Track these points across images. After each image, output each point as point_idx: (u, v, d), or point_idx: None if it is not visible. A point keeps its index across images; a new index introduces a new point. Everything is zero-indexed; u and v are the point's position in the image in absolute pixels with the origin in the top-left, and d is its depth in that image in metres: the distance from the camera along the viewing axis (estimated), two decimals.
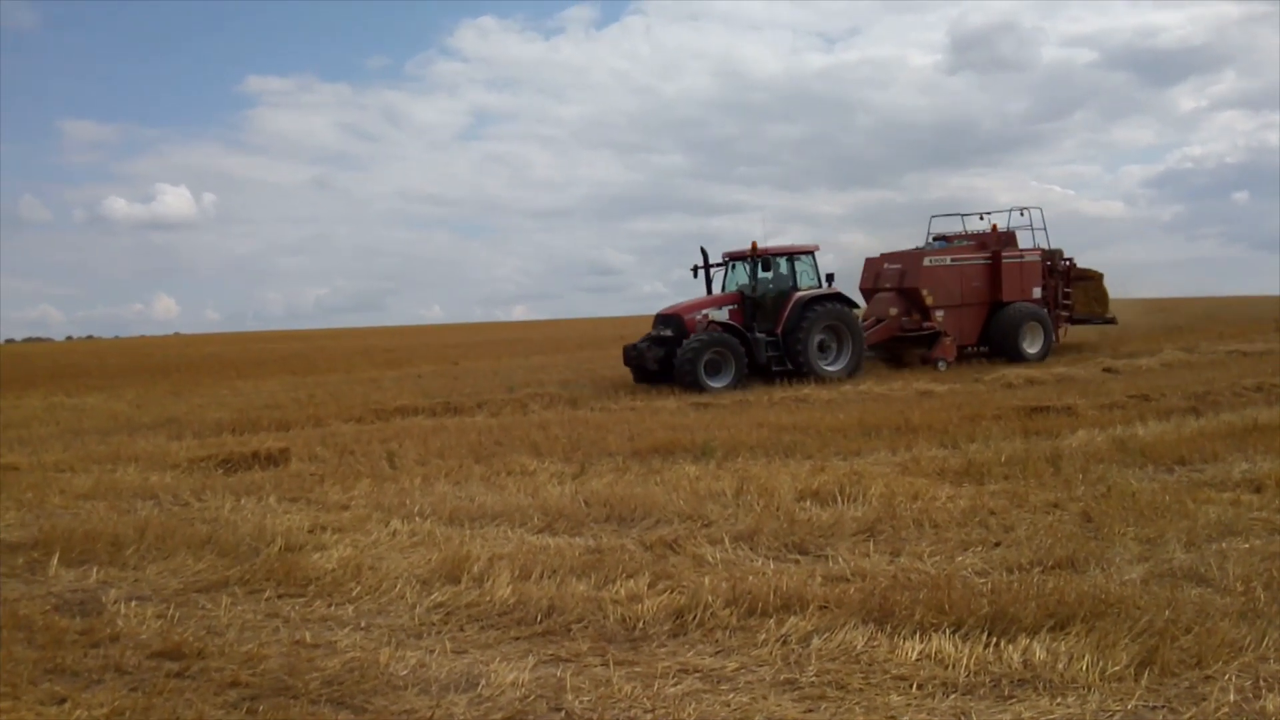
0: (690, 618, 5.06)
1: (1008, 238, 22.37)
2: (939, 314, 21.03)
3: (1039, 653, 4.36)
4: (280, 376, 28.85)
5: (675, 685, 4.24)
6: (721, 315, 18.78)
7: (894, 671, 4.32)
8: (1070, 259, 23.57)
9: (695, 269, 19.83)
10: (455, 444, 11.75)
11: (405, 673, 4.47)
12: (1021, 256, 22.10)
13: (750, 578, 5.63)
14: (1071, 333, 24.38)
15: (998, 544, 6.36)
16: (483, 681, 4.31)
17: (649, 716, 3.88)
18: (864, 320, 21.13)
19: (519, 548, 6.68)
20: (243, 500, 8.76)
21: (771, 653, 4.60)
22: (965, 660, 4.35)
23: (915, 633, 4.71)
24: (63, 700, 4.21)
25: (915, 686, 4.15)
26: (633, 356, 19.21)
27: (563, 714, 3.99)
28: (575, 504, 7.99)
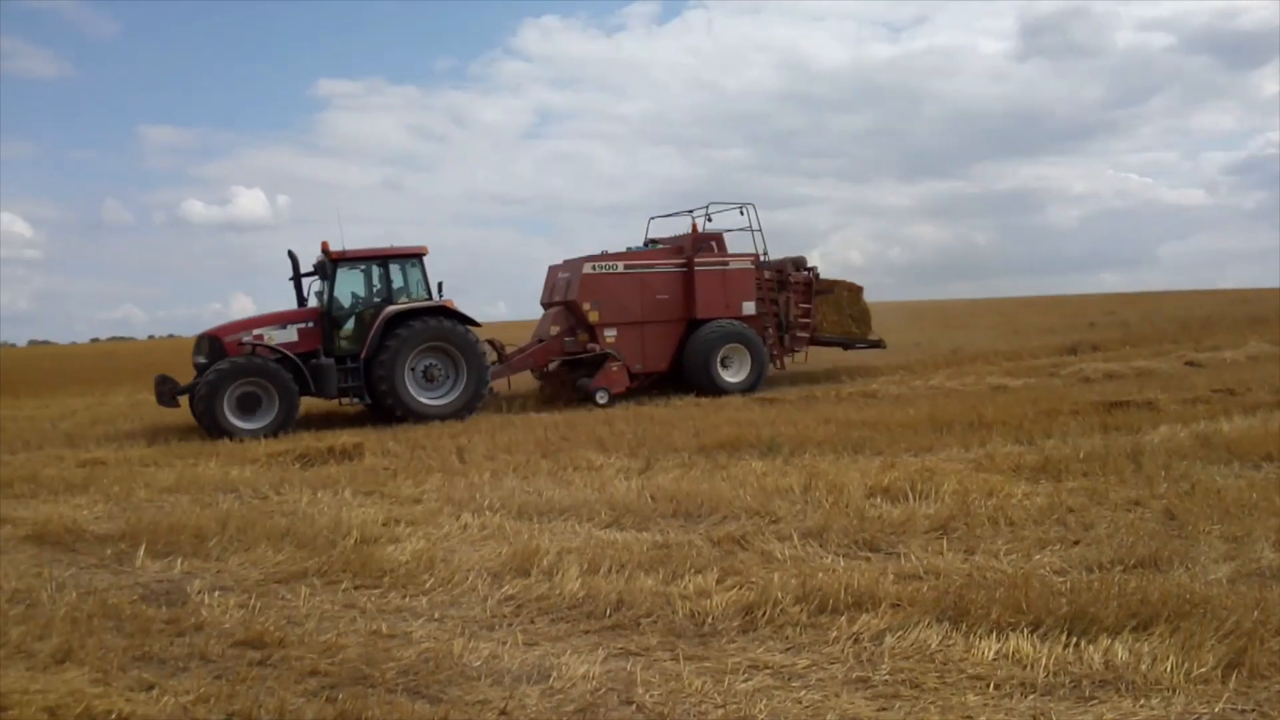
0: (760, 614, 5.03)
1: (707, 242, 18.32)
2: (609, 333, 17.19)
3: (1121, 653, 4.24)
4: None
5: (746, 681, 4.23)
6: (286, 335, 14.79)
7: (970, 671, 4.24)
8: (813, 269, 19.60)
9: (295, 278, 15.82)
10: (522, 439, 11.88)
11: (478, 664, 4.53)
12: (725, 264, 18.13)
13: (820, 574, 5.57)
14: (845, 355, 21.06)
15: (1076, 542, 6.20)
16: (554, 673, 4.35)
17: (720, 712, 3.87)
18: (533, 341, 18.00)
19: (587, 542, 6.73)
20: (319, 494, 8.98)
21: (843, 650, 4.55)
22: (1044, 660, 4.25)
23: (991, 632, 4.61)
24: (151, 687, 4.36)
25: (992, 686, 4.07)
26: (163, 391, 14.70)
27: (634, 707, 4.00)
28: (642, 499, 8.01)
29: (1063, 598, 4.89)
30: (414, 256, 15.67)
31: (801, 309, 19.05)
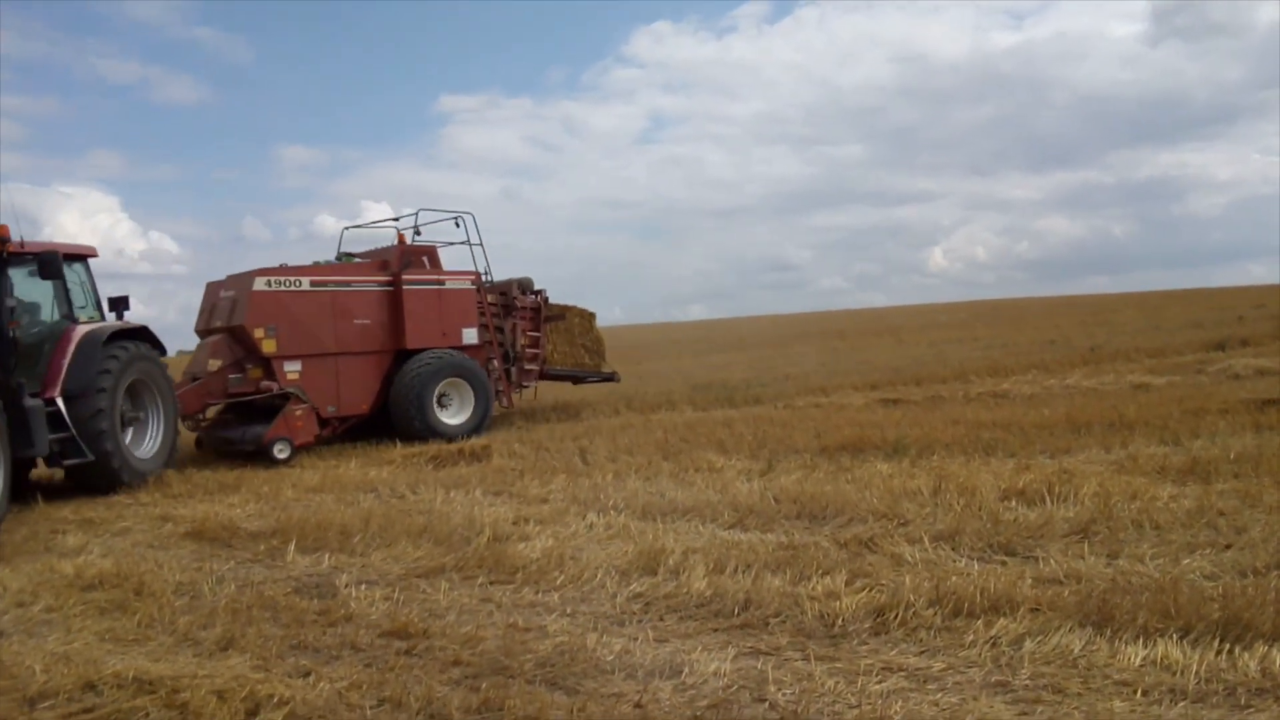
0: (891, 616, 4.97)
1: (418, 257, 15.03)
2: (290, 368, 13.38)
3: (1279, 661, 4.01)
4: None
5: (880, 683, 4.19)
6: None
7: (1116, 677, 4.09)
8: (540, 291, 16.68)
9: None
10: (643, 441, 12.01)
11: (611, 658, 4.64)
12: (441, 283, 14.89)
13: (954, 578, 5.46)
14: (568, 390, 18.54)
15: (1228, 546, 5.87)
16: (686, 670, 4.41)
17: (854, 713, 3.85)
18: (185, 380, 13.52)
19: (711, 542, 6.77)
20: (451, 493, 9.32)
21: (980, 654, 4.45)
22: (1195, 667, 4.06)
23: (1138, 638, 4.43)
24: (308, 673, 4.64)
25: (1140, 693, 3.91)
26: None
27: (766, 705, 4.02)
28: (765, 500, 8.00)
29: (1214, 603, 4.65)
30: (82, 259, 11.39)
31: (530, 337, 16.33)
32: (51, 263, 10.05)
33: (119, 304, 11.79)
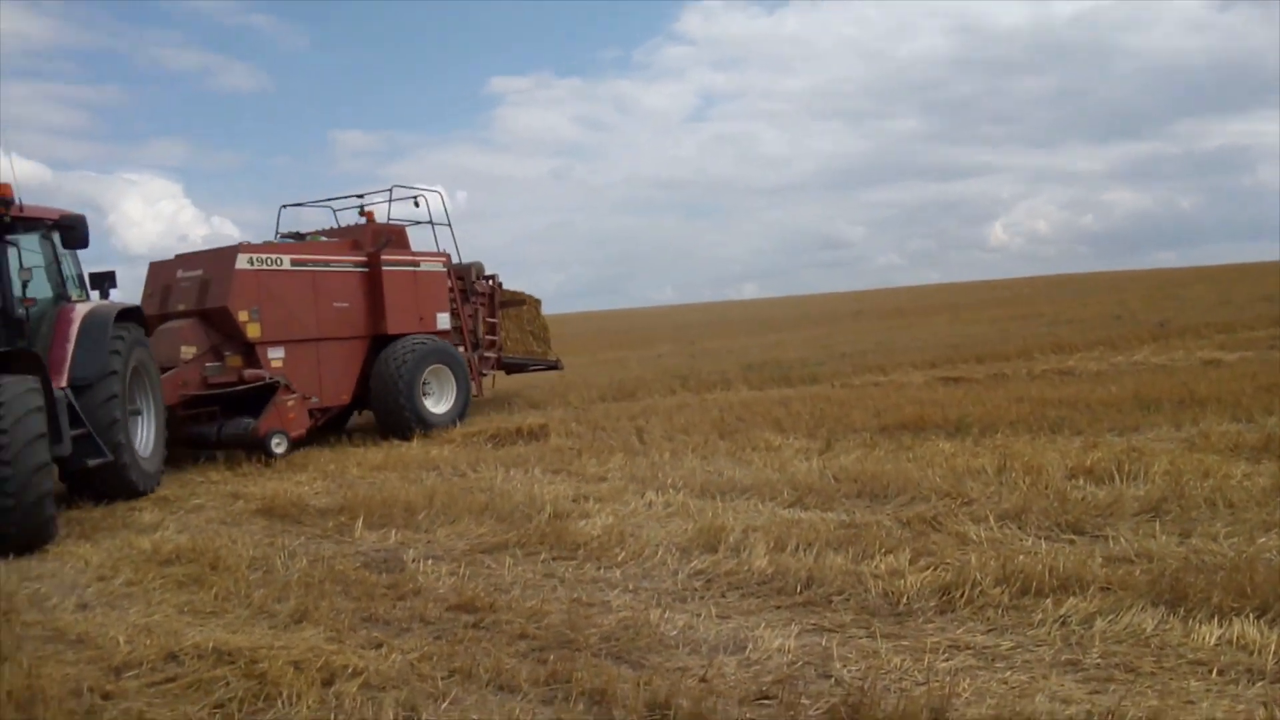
0: (958, 594, 4.92)
1: (392, 235, 13.90)
2: (275, 354, 12.05)
3: None
4: None
5: (947, 660, 4.16)
6: None
7: (1190, 656, 4.01)
8: (494, 276, 15.70)
9: None
10: (699, 420, 12.01)
11: (675, 633, 4.68)
12: (416, 265, 13.75)
13: (1020, 557, 5.38)
14: (502, 381, 17.19)
15: None
16: (750, 645, 4.43)
17: (921, 689, 3.83)
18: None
19: (771, 520, 6.77)
20: (511, 471, 9.44)
21: (1050, 633, 4.39)
22: (1273, 647, 3.97)
23: (1213, 617, 4.33)
24: (379, 645, 4.76)
25: (1215, 672, 3.83)
26: None
27: (832, 681, 4.02)
28: (824, 479, 7.96)
29: None
30: (72, 229, 8.96)
31: (489, 324, 15.44)
32: (77, 228, 8.73)
33: (104, 280, 9.93)
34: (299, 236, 13.95)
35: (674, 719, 3.70)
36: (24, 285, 8.52)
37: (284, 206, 14.93)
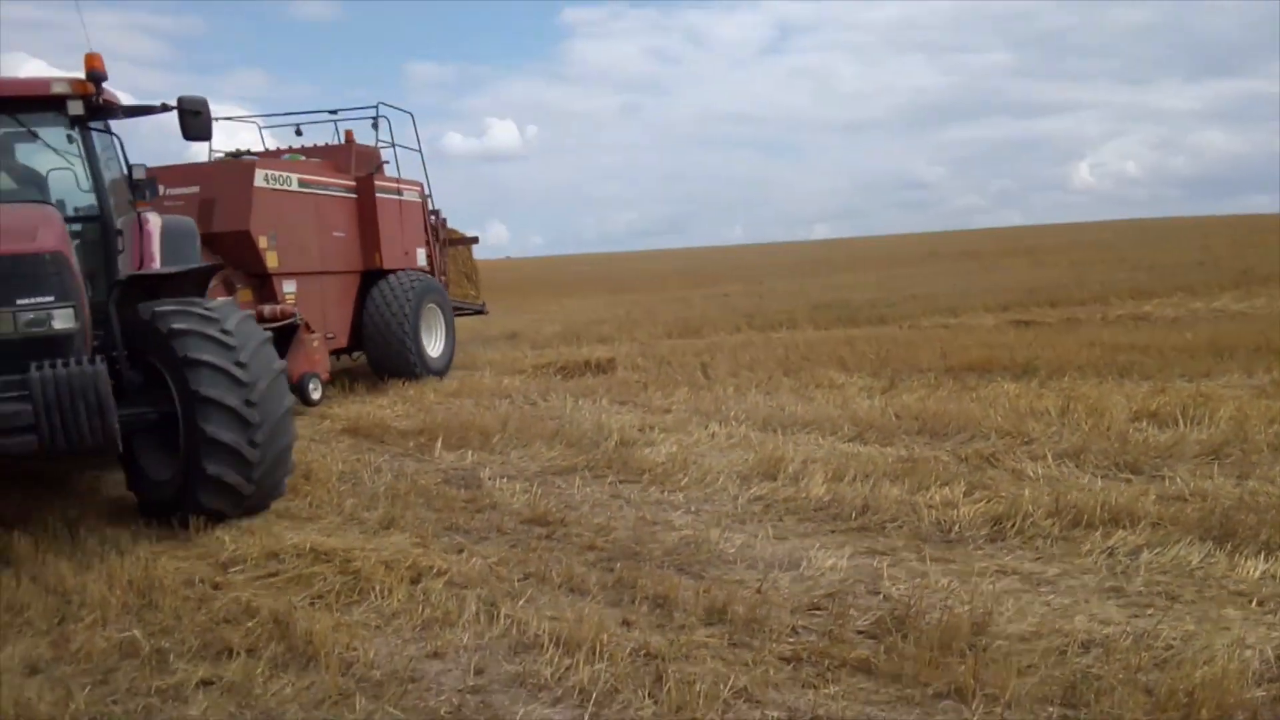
0: (1009, 524, 5.10)
1: (377, 159, 12.50)
2: (289, 288, 10.55)
3: None
4: (600, 295, 31.04)
5: (993, 583, 4.37)
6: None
7: (1231, 588, 4.16)
8: (438, 211, 13.78)
9: None
10: (764, 358, 12.20)
11: (733, 550, 4.97)
12: (400, 194, 12.36)
13: (1074, 492, 5.52)
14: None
15: None
16: (804, 563, 4.70)
17: (965, 608, 4.05)
18: None
19: (830, 453, 6.98)
20: (579, 401, 9.80)
21: (1096, 562, 4.57)
22: None
23: (1260, 552, 4.46)
24: (461, 550, 5.15)
25: (1255, 602, 3.98)
26: None
27: (880, 596, 4.27)
28: (885, 416, 8.12)
29: None
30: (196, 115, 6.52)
31: (443, 263, 13.95)
32: (202, 114, 6.49)
33: (146, 187, 6.92)
34: (274, 155, 12.07)
35: (730, 623, 4.00)
36: (135, 189, 6.77)
37: (259, 121, 13.34)
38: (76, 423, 5.02)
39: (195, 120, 6.63)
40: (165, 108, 6.63)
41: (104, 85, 6.32)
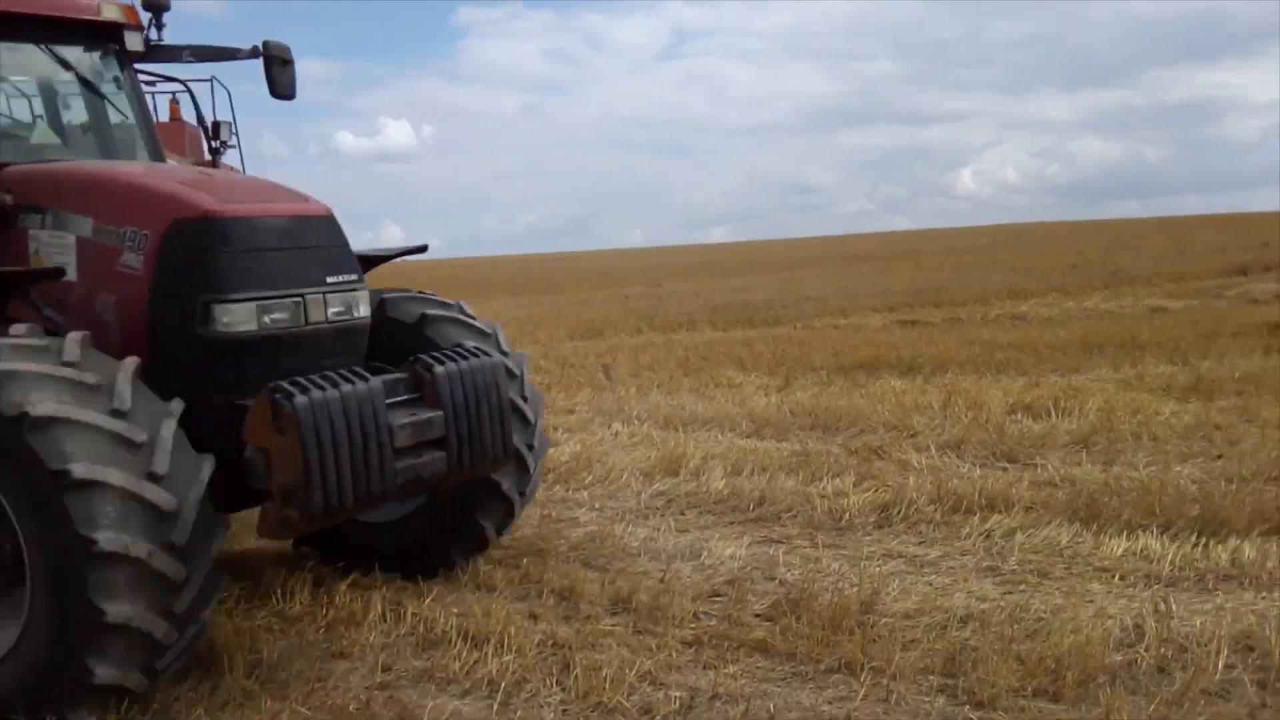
0: (895, 512, 5.40)
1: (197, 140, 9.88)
2: None
3: (1249, 552, 4.42)
4: (501, 298, 30.87)
5: (880, 566, 4.63)
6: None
7: (1097, 564, 4.51)
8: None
9: None
10: (664, 358, 12.40)
11: (637, 544, 5.11)
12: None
13: (954, 480, 5.86)
14: None
15: (1219, 456, 6.23)
16: (705, 553, 4.88)
17: (854, 590, 4.28)
18: None
19: (729, 449, 7.19)
20: None
21: (974, 544, 4.88)
22: (1170, 556, 4.48)
23: (1122, 532, 4.84)
24: None
25: (1117, 577, 4.33)
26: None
27: (776, 581, 4.48)
28: (781, 413, 8.39)
29: (1196, 503, 5.04)
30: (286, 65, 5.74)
31: None
32: (290, 64, 5.67)
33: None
34: None
35: (634, 612, 4.13)
36: (217, 137, 6.26)
37: None
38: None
39: (283, 72, 5.70)
40: (255, 52, 5.58)
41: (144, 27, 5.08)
